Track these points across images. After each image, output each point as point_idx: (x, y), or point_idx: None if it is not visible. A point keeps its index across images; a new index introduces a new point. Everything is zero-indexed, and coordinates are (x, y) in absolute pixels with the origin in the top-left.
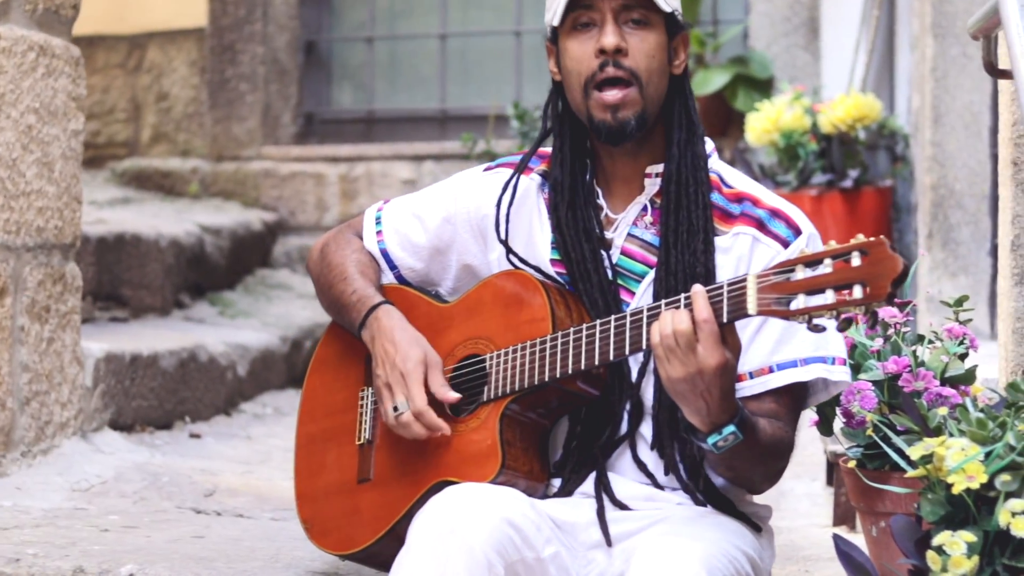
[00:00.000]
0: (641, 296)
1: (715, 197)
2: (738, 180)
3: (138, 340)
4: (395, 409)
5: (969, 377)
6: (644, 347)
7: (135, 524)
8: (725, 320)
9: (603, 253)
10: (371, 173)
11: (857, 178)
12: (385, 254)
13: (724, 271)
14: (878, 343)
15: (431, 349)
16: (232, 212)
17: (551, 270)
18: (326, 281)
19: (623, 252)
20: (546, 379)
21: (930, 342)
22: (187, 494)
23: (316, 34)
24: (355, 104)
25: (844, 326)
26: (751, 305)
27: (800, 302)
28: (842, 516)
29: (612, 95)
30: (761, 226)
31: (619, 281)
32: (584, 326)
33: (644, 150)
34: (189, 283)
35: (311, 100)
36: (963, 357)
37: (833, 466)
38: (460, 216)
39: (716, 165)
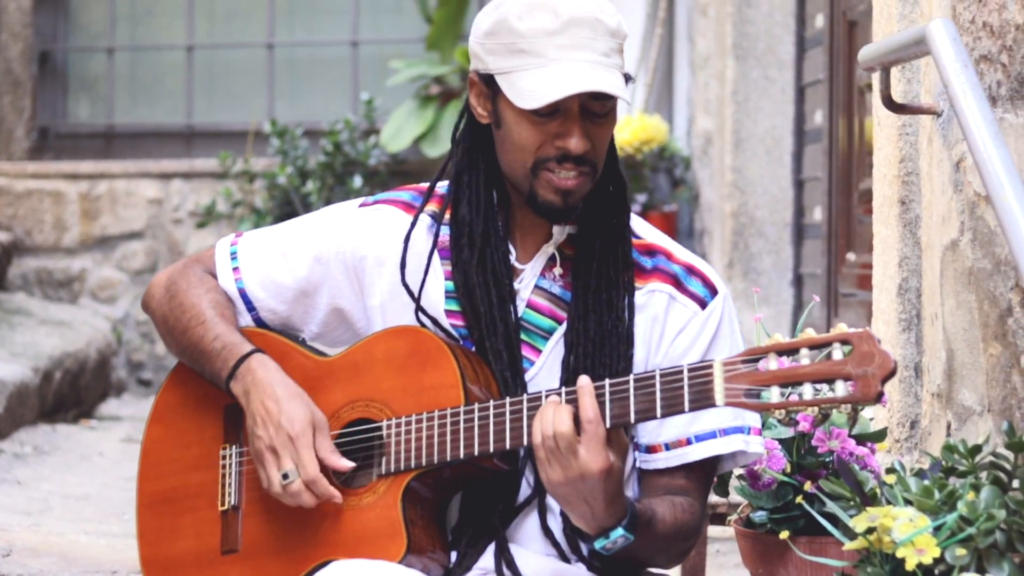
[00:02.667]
0: (549, 354)
1: None
2: (646, 230)
3: None
4: (284, 477)
5: (881, 435)
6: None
7: None
8: (687, 410)
9: (511, 306)
10: (114, 191)
11: (644, 203)
12: (244, 294)
13: (637, 331)
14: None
15: (316, 408)
16: None
17: (446, 322)
18: (178, 324)
19: (529, 305)
20: (460, 456)
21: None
22: None
23: (51, 43)
24: (93, 118)
25: (820, 421)
26: (718, 396)
27: (775, 396)
28: (690, 573)
29: (570, 181)
30: (677, 284)
31: (524, 337)
32: (508, 400)
33: None
34: None
35: (46, 113)
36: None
37: None
38: (334, 256)
39: None
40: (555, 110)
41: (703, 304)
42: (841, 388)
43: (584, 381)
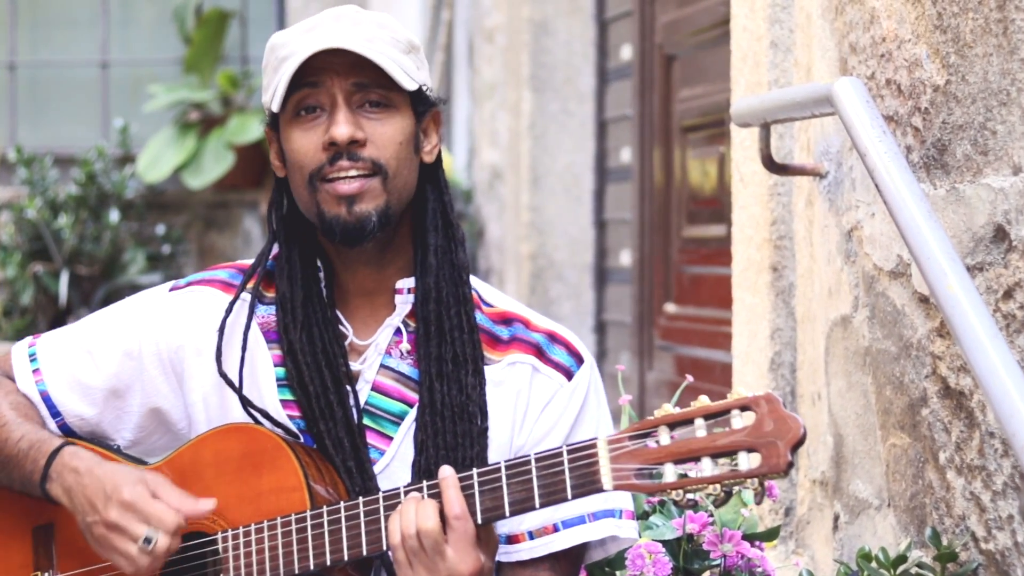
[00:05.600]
0: (401, 442)
1: (478, 318)
2: (497, 297)
3: None
4: (146, 542)
5: (773, 534)
6: None
7: None
8: (570, 497)
9: (348, 388)
10: None
11: None
12: (47, 398)
13: (499, 408)
14: None
15: (148, 472)
16: None
17: (282, 415)
18: None
19: (375, 388)
20: (311, 567)
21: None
22: None
23: None
24: None
25: (723, 501)
26: (605, 479)
27: (670, 474)
28: None
29: (347, 185)
30: (540, 353)
31: (372, 423)
32: (361, 500)
33: (389, 258)
34: None
35: None
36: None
37: None
38: (147, 349)
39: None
40: (318, 106)
41: (569, 375)
42: (745, 460)
43: (447, 472)
